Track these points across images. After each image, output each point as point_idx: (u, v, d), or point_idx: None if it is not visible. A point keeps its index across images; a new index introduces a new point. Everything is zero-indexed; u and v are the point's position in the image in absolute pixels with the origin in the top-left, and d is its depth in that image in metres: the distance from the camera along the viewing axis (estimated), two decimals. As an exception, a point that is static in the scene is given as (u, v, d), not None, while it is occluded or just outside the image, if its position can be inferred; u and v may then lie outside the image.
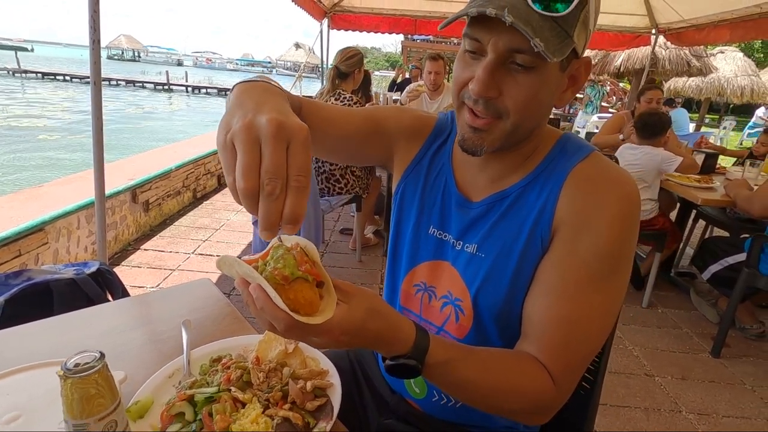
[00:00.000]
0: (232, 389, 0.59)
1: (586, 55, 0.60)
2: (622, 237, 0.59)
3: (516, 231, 0.64)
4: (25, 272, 0.96)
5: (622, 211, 0.59)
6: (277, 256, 0.46)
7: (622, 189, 0.60)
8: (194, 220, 3.62)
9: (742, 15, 3.65)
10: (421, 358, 0.53)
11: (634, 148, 2.62)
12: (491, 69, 0.55)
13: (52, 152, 8.81)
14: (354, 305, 0.49)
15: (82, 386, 0.39)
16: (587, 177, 0.62)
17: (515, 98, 0.56)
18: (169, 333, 0.83)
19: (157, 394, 0.62)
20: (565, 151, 0.66)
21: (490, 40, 0.55)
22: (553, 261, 0.61)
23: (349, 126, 0.75)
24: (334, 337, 0.47)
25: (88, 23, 1.82)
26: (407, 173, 0.78)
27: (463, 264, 0.68)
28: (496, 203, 0.67)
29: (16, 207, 2.40)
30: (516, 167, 0.67)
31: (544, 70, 0.55)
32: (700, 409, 1.88)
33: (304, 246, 0.49)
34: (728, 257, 2.27)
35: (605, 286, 0.59)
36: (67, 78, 26.76)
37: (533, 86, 0.56)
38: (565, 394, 0.60)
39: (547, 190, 0.63)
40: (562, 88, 0.61)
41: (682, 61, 7.21)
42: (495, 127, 0.59)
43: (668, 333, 2.46)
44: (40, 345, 0.78)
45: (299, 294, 0.44)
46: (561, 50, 0.53)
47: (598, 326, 0.60)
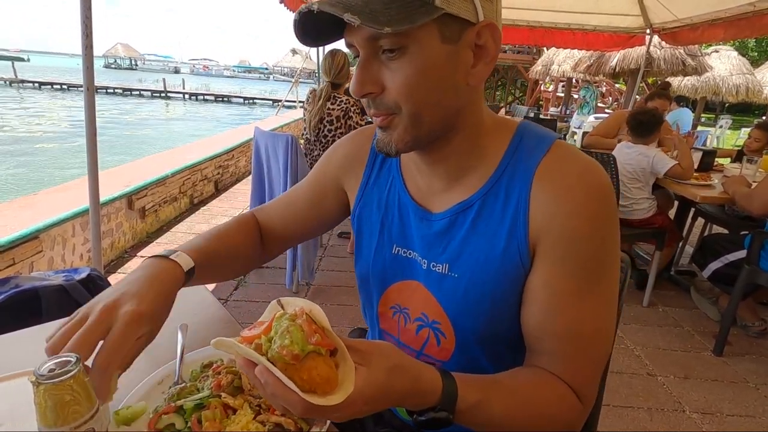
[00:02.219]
0: (222, 395, 0.57)
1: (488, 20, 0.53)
2: (605, 237, 0.57)
3: (488, 246, 0.60)
4: (12, 279, 0.94)
5: (599, 210, 0.56)
6: (281, 330, 0.42)
7: (593, 183, 0.56)
8: (191, 227, 3.60)
9: (736, 14, 3.66)
10: (451, 407, 0.50)
11: (630, 147, 2.62)
12: (363, 65, 0.53)
13: (50, 161, 8.80)
14: (374, 367, 0.45)
15: (55, 393, 0.37)
16: (554, 176, 0.57)
17: (396, 87, 0.53)
18: (160, 338, 0.80)
19: (146, 401, 0.60)
20: (524, 145, 0.60)
21: (354, 39, 0.53)
22: (543, 279, 0.58)
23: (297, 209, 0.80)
24: (358, 408, 0.43)
25: (81, 28, 1.81)
26: (359, 198, 0.74)
27: (436, 285, 0.64)
28: (459, 215, 0.62)
29: (10, 215, 2.38)
30: (467, 166, 0.61)
31: (418, 48, 0.50)
32: (704, 409, 1.86)
33: (309, 311, 0.44)
34: (728, 254, 2.26)
35: (599, 290, 0.57)
36: (63, 87, 26.82)
37: (410, 68, 0.51)
38: (590, 406, 0.59)
39: (515, 197, 0.58)
40: (466, 63, 0.54)
41: (677, 60, 7.23)
42: (395, 122, 0.56)
43: (669, 332, 2.45)
44: (27, 353, 0.76)
45: (313, 372, 0.40)
46: (409, 18, 0.47)
47: (604, 329, 0.59)
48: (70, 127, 12.72)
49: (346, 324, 2.32)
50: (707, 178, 2.59)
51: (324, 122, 2.65)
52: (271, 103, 25.49)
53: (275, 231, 0.80)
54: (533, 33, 5.15)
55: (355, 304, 2.52)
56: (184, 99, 26.97)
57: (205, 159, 4.35)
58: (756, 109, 19.93)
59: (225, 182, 4.93)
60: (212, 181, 4.59)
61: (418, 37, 0.50)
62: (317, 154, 2.75)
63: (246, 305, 2.44)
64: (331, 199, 0.78)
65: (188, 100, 26.66)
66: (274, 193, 2.63)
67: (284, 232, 0.81)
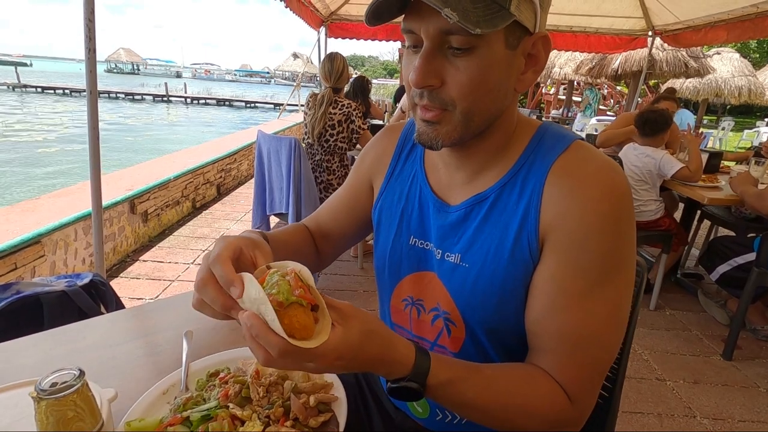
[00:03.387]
0: (230, 406, 0.55)
1: (543, 32, 0.56)
2: (617, 238, 0.55)
3: (499, 238, 0.60)
4: (14, 285, 0.92)
5: (612, 209, 0.55)
6: (271, 283, 0.46)
7: (607, 182, 0.55)
8: (193, 230, 3.59)
9: (739, 15, 3.65)
10: (422, 380, 0.51)
11: (637, 149, 2.60)
12: (427, 57, 0.53)
13: (51, 166, 8.81)
14: (349, 327, 0.47)
15: (58, 408, 0.35)
16: (569, 172, 0.57)
17: (458, 84, 0.53)
18: (164, 345, 0.80)
19: (151, 412, 0.58)
20: (544, 143, 0.61)
21: (421, 27, 0.52)
22: (549, 274, 0.57)
23: (341, 212, 0.82)
24: (329, 362, 0.46)
25: (84, 32, 1.81)
26: (382, 190, 0.76)
27: (447, 275, 0.65)
28: (475, 206, 0.63)
29: (12, 219, 2.37)
30: (491, 163, 0.63)
31: (486, 50, 0.52)
32: (715, 414, 1.83)
33: (299, 271, 0.49)
34: (737, 257, 2.23)
35: (607, 293, 0.55)
36: (66, 91, 26.92)
37: (475, 69, 0.52)
38: (585, 410, 0.57)
39: (529, 190, 0.59)
40: (518, 70, 0.57)
41: (679, 62, 7.22)
42: (446, 118, 0.56)
43: (677, 336, 2.41)
44: (29, 361, 0.74)
45: (294, 319, 0.44)
46: (491, 22, 0.49)
47: (607, 334, 0.56)
48: (66, 136, 12.75)
49: (350, 328, 2.29)
50: (714, 179, 2.57)
51: (326, 126, 2.64)
52: (272, 106, 25.55)
53: (327, 236, 0.82)
54: (535, 35, 5.15)
55: (358, 309, 2.49)
56: (186, 103, 27.04)
57: (208, 162, 4.34)
58: (758, 110, 19.90)
59: (227, 186, 4.92)
60: (215, 184, 4.58)
61: (488, 40, 0.51)
62: (319, 159, 2.73)
63: (249, 310, 2.42)
64: (365, 200, 0.80)
65: (190, 104, 26.74)
66: (276, 197, 2.62)
67: (335, 235, 0.83)
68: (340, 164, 2.76)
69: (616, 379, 0.79)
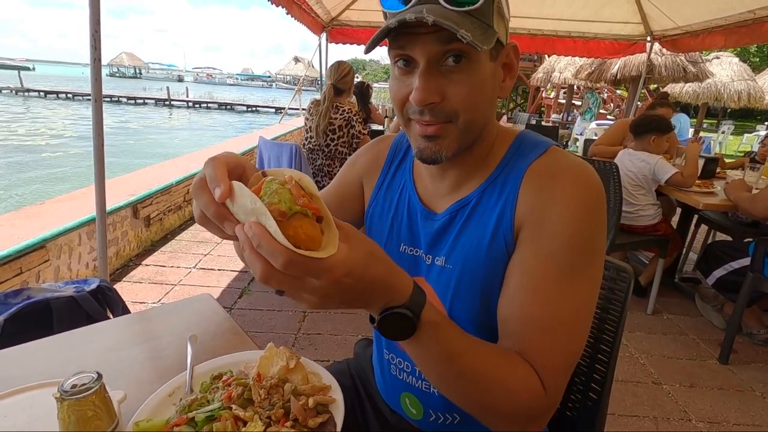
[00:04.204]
0: (233, 407, 0.58)
1: (513, 42, 0.63)
2: (585, 225, 0.58)
3: (479, 238, 0.63)
4: (24, 290, 0.95)
5: (581, 198, 0.58)
6: (270, 191, 0.41)
7: (579, 177, 0.59)
8: (195, 235, 3.62)
9: (736, 21, 3.68)
10: (417, 312, 0.49)
11: (631, 154, 2.63)
12: (427, 75, 0.56)
13: (55, 169, 8.86)
14: (354, 245, 0.44)
15: (78, 408, 0.38)
16: (543, 172, 0.61)
17: (459, 97, 0.57)
18: (169, 349, 0.82)
19: (158, 413, 0.61)
20: (522, 149, 0.65)
21: (416, 49, 0.56)
22: (519, 261, 0.60)
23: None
24: (336, 278, 0.41)
25: (89, 42, 1.85)
26: (372, 199, 0.79)
27: (435, 278, 0.68)
28: (458, 212, 0.67)
29: (18, 224, 2.40)
30: (474, 171, 0.67)
31: (477, 64, 0.57)
32: (710, 418, 1.85)
33: (299, 179, 0.44)
34: (733, 262, 2.25)
35: (576, 279, 0.57)
36: (69, 96, 27.06)
37: (471, 82, 0.57)
38: (556, 399, 0.57)
39: (506, 192, 0.63)
40: (499, 78, 0.63)
41: (678, 67, 7.25)
42: (448, 131, 0.59)
43: (674, 340, 2.43)
44: (39, 364, 0.77)
45: (299, 230, 0.39)
46: (487, 40, 0.54)
47: (575, 322, 0.57)
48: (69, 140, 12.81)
49: (350, 331, 2.32)
50: (710, 185, 2.60)
51: (327, 131, 2.68)
52: (273, 110, 25.64)
53: None
54: (535, 41, 5.20)
55: (358, 312, 2.52)
56: (188, 107, 27.17)
57: (209, 167, 4.37)
58: (758, 114, 19.92)
59: (229, 190, 4.95)
60: (216, 189, 4.61)
61: (478, 56, 0.56)
62: (320, 163, 2.77)
63: (250, 313, 2.45)
64: (355, 202, 0.83)
65: (192, 108, 26.86)
66: (278, 202, 2.65)
67: None
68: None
69: (604, 381, 0.81)
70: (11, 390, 0.64)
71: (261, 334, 2.23)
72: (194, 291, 2.66)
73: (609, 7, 4.62)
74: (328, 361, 1.66)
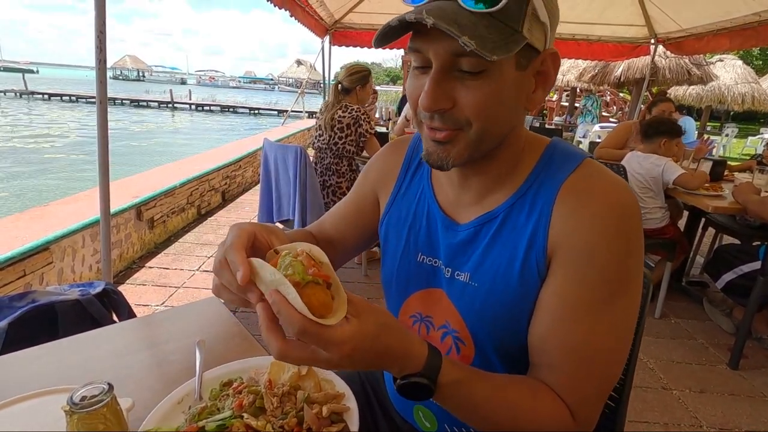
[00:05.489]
0: (244, 416, 0.56)
1: (552, 49, 0.57)
2: (624, 254, 0.55)
3: (509, 258, 0.60)
4: (29, 294, 0.94)
5: (619, 226, 0.55)
6: (285, 264, 0.46)
7: (616, 199, 0.56)
8: (199, 237, 3.61)
9: (741, 23, 3.67)
10: (433, 377, 0.50)
11: (641, 157, 2.60)
12: (437, 79, 0.53)
13: (58, 172, 8.89)
14: (364, 319, 0.47)
15: (89, 422, 0.36)
16: (578, 191, 0.57)
17: (471, 105, 0.53)
18: (176, 355, 0.81)
19: (166, 421, 0.59)
20: (553, 162, 0.61)
21: (430, 50, 0.52)
22: (554, 289, 0.57)
23: (347, 220, 0.82)
24: (346, 352, 0.44)
25: (95, 44, 1.84)
26: (389, 206, 0.76)
27: (457, 294, 0.65)
28: (484, 226, 0.63)
29: (21, 226, 2.39)
30: (499, 181, 0.63)
31: (496, 72, 0.52)
32: (722, 424, 1.82)
33: (309, 250, 0.49)
34: (743, 265, 2.23)
35: (613, 309, 0.55)
36: (72, 98, 27.20)
37: (487, 90, 0.52)
38: (587, 427, 0.57)
39: (538, 210, 0.59)
40: (529, 88, 0.57)
41: (682, 69, 7.24)
42: (458, 138, 0.56)
43: (683, 344, 2.40)
44: (45, 369, 0.75)
45: (312, 298, 0.43)
46: (505, 47, 0.49)
47: (612, 351, 0.56)
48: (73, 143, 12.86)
49: (354, 336, 2.30)
50: (718, 188, 2.57)
51: (335, 129, 2.68)
52: (276, 113, 25.71)
53: (331, 243, 0.82)
54: (538, 43, 5.19)
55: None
56: (191, 110, 27.26)
57: (213, 170, 4.37)
58: (761, 117, 19.85)
59: (232, 192, 4.95)
60: (219, 191, 4.61)
61: (499, 63, 0.51)
62: (328, 162, 2.76)
63: (254, 316, 2.40)
64: (370, 212, 0.81)
65: (195, 111, 26.94)
66: (283, 203, 2.64)
67: (339, 244, 0.82)
68: (349, 168, 2.79)
69: (623, 387, 0.79)
70: (18, 397, 0.62)
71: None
72: (198, 293, 2.65)
73: (613, 9, 4.61)
74: (333, 366, 1.64)
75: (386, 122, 4.99)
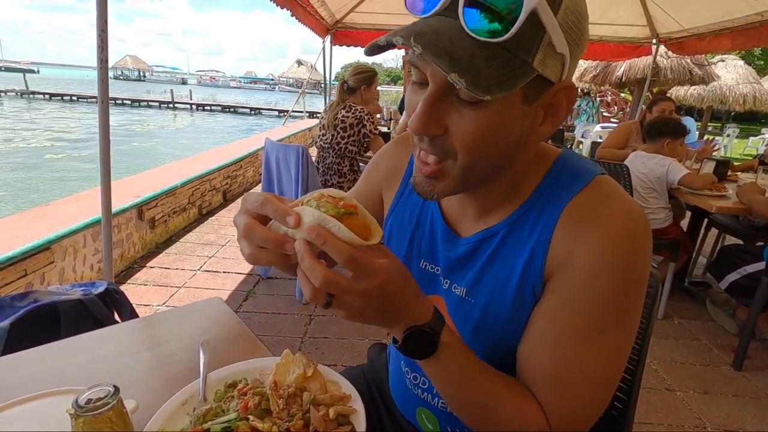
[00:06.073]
0: (250, 418, 0.55)
1: (568, 82, 0.50)
2: (624, 285, 0.52)
3: (506, 276, 0.58)
4: (31, 293, 0.93)
5: (624, 256, 0.51)
6: (313, 206, 0.47)
7: (624, 227, 0.52)
8: (200, 237, 3.60)
9: (743, 23, 3.65)
10: (437, 331, 0.51)
11: (644, 157, 2.59)
12: (431, 103, 0.48)
13: (58, 172, 8.89)
14: (393, 259, 0.48)
15: (94, 425, 0.36)
16: (584, 213, 0.53)
17: (461, 137, 0.48)
18: (180, 355, 0.80)
19: (171, 423, 0.59)
20: (560, 179, 0.57)
21: (428, 69, 0.48)
22: (545, 310, 0.55)
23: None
24: (382, 281, 0.45)
25: (96, 42, 1.83)
26: (392, 209, 0.74)
27: (453, 307, 0.64)
28: (485, 241, 0.60)
29: (23, 226, 2.39)
30: (503, 197, 0.60)
31: (499, 106, 0.47)
32: (726, 425, 1.81)
33: (328, 192, 0.50)
34: (747, 266, 2.22)
35: (604, 339, 0.52)
36: (74, 98, 27.21)
37: (483, 123, 0.47)
38: None
39: (539, 229, 0.55)
40: (535, 121, 0.51)
41: (683, 69, 7.24)
42: (445, 172, 0.52)
43: (686, 345, 2.39)
44: (48, 370, 0.75)
45: (352, 225, 0.45)
46: (508, 83, 0.44)
47: (597, 380, 0.54)
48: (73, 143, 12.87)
49: (356, 335, 2.29)
50: (721, 188, 2.56)
51: (338, 129, 2.67)
52: (276, 113, 25.71)
53: None
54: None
55: (365, 316, 2.49)
56: (191, 110, 27.26)
57: (214, 169, 4.36)
58: (762, 117, 19.84)
59: (233, 192, 4.95)
60: (221, 191, 4.60)
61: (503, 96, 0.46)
62: (330, 162, 2.76)
63: (256, 316, 2.43)
64: (375, 207, 0.79)
65: (195, 111, 26.94)
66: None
67: None
68: (350, 168, 2.78)
69: (630, 390, 0.78)
70: (21, 398, 0.62)
71: (267, 338, 2.20)
72: (199, 293, 2.64)
73: (614, 9, 4.60)
74: (335, 365, 1.63)
75: (387, 122, 4.98)
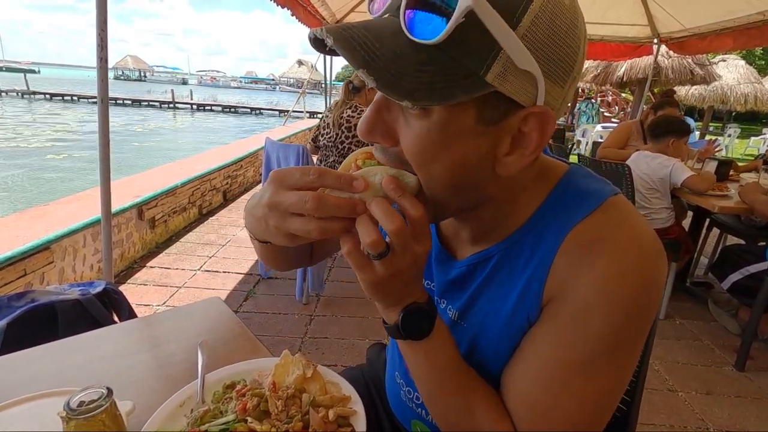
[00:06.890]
0: (248, 419, 0.54)
1: (541, 107, 0.43)
2: (624, 322, 0.46)
3: (500, 303, 0.54)
4: (29, 293, 0.93)
5: (629, 294, 0.46)
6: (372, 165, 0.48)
7: (632, 263, 0.46)
8: (200, 237, 3.60)
9: (745, 23, 3.64)
10: (434, 312, 0.52)
11: (648, 156, 2.58)
12: (377, 108, 0.45)
13: (59, 172, 8.89)
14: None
15: (86, 428, 0.35)
16: (589, 242, 0.47)
17: (407, 148, 0.44)
18: (178, 356, 0.79)
19: (168, 424, 0.58)
20: (565, 202, 0.51)
21: None
22: (534, 337, 0.51)
23: None
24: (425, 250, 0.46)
25: (96, 41, 1.83)
26: None
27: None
28: (479, 265, 0.57)
29: (22, 226, 2.38)
30: (499, 221, 0.55)
31: (445, 117, 0.41)
32: (728, 426, 1.80)
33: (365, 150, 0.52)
34: (749, 266, 2.21)
35: (595, 377, 0.48)
36: (74, 98, 27.23)
37: (425, 135, 0.43)
38: None
39: (537, 258, 0.50)
40: (497, 147, 0.44)
41: (685, 69, 7.22)
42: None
43: (688, 345, 2.38)
44: (45, 370, 0.74)
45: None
46: (444, 91, 0.38)
47: (578, 415, 0.49)
48: (74, 143, 12.88)
49: (357, 335, 2.28)
50: (724, 188, 2.55)
51: (343, 128, 2.67)
52: (277, 113, 25.72)
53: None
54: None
55: (364, 315, 2.49)
56: (192, 110, 27.26)
57: (214, 169, 4.36)
58: (763, 117, 19.81)
59: (233, 192, 4.94)
60: (221, 191, 4.60)
61: (449, 108, 0.41)
62: (332, 161, 2.75)
63: (256, 316, 2.42)
64: None
65: (196, 111, 26.95)
66: (285, 204, 2.64)
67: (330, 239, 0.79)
68: None
69: (634, 392, 0.77)
70: (17, 399, 0.61)
71: (267, 338, 2.20)
72: (199, 293, 2.63)
73: (615, 9, 4.59)
74: (335, 366, 1.62)
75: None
